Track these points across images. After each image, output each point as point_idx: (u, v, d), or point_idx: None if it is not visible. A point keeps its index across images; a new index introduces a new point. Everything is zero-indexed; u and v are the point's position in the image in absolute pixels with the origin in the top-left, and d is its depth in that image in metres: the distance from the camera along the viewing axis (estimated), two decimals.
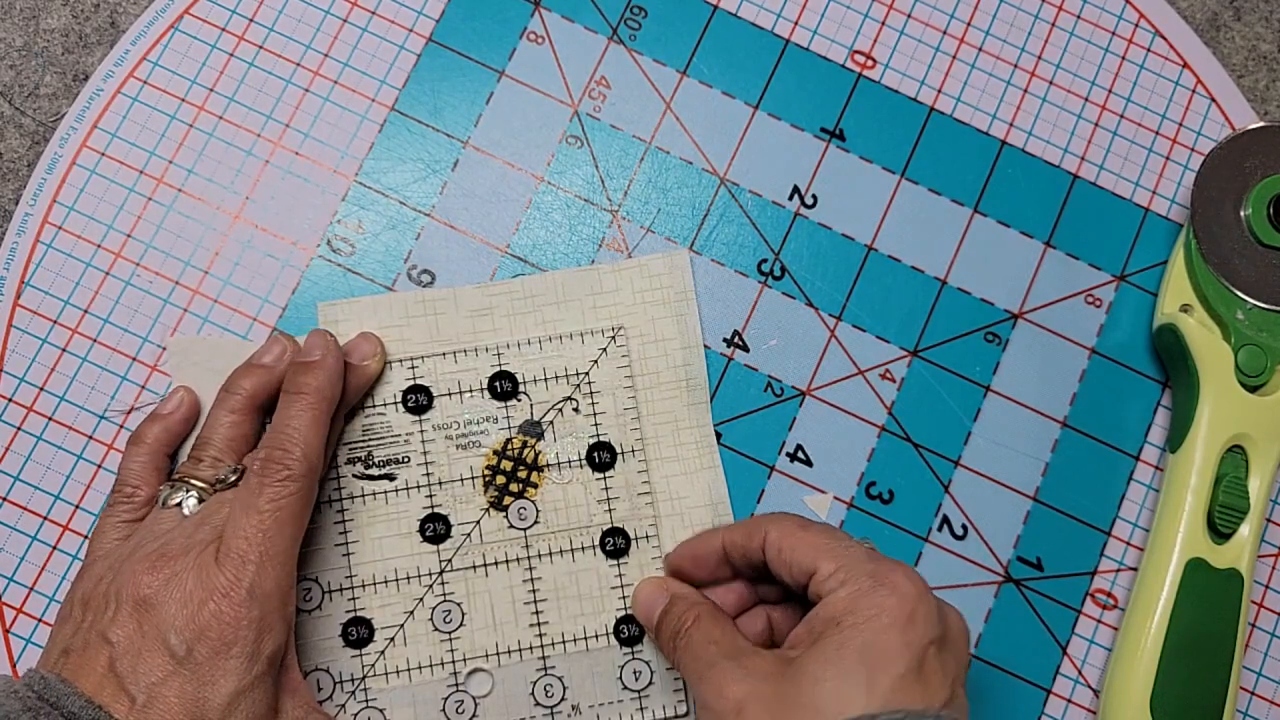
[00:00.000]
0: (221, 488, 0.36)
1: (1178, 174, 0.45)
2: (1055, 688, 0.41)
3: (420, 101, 0.43)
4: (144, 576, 0.33)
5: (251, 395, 0.38)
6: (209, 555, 0.33)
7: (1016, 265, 0.44)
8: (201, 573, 0.33)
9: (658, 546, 0.40)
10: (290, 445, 0.35)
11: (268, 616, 0.33)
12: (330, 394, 0.37)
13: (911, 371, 0.43)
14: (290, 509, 0.34)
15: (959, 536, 0.42)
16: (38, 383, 0.41)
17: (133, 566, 0.33)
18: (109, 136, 0.42)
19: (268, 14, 0.44)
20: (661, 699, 0.39)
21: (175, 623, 0.32)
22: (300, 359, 0.38)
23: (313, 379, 0.37)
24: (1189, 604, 0.37)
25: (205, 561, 0.33)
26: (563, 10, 0.44)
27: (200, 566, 0.33)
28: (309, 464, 0.35)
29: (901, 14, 0.45)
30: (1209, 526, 0.39)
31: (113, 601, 0.33)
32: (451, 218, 0.43)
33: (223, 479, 0.36)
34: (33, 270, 0.42)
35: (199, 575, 0.33)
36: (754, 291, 0.43)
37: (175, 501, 0.36)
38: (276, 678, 0.34)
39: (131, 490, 0.38)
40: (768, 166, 0.44)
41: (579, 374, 0.41)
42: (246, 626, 0.32)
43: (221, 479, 0.36)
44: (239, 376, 0.38)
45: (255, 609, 0.33)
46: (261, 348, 0.39)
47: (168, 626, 0.32)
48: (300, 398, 0.36)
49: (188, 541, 0.34)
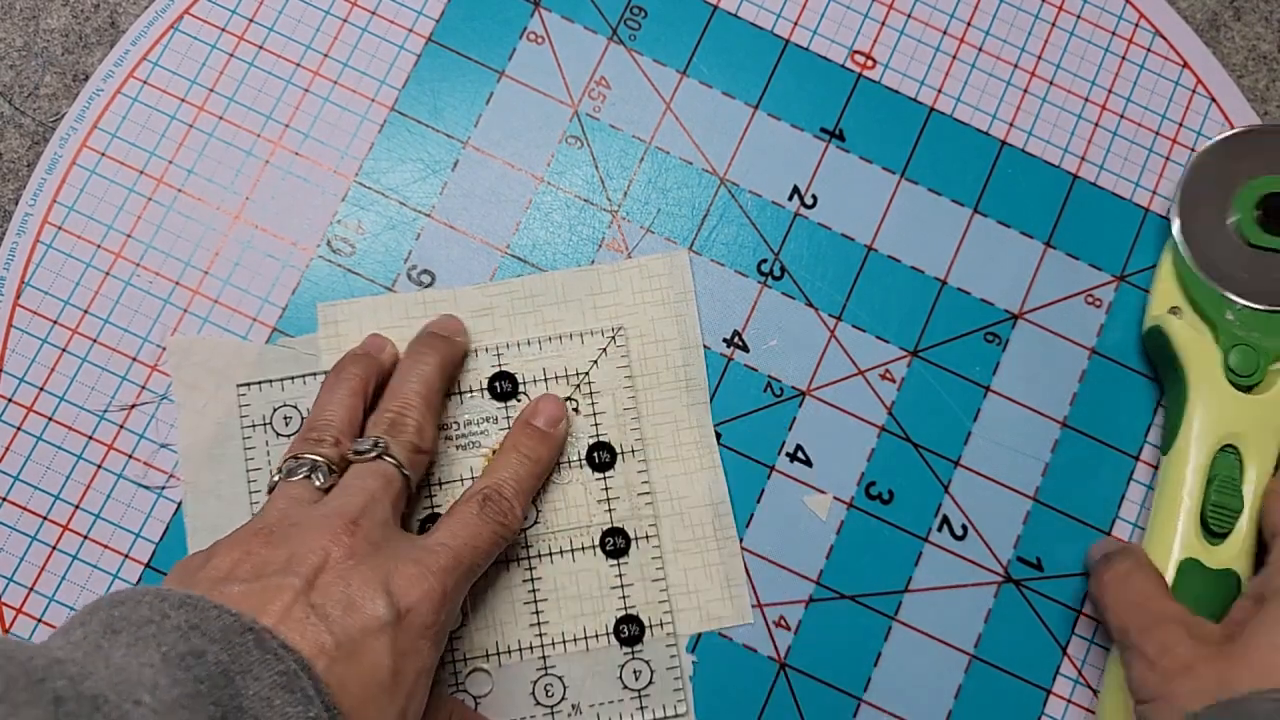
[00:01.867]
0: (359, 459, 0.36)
1: (1178, 174, 0.45)
2: (1055, 688, 0.41)
3: (420, 102, 0.43)
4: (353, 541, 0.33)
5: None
6: (423, 542, 0.34)
7: (1016, 265, 0.44)
8: (419, 552, 0.34)
9: (658, 546, 0.40)
10: (513, 497, 0.37)
11: (453, 616, 0.34)
12: (548, 457, 0.40)
13: (911, 371, 0.43)
14: (492, 549, 0.36)
15: (959, 536, 0.42)
16: (38, 383, 0.41)
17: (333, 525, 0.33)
18: (109, 136, 0.43)
19: (268, 14, 0.44)
20: (661, 699, 0.39)
21: (391, 584, 0.32)
22: (529, 419, 0.40)
23: (545, 448, 0.39)
24: (1185, 604, 0.37)
25: (423, 546, 0.34)
26: (562, 10, 0.44)
27: (416, 546, 0.34)
28: (520, 518, 0.37)
29: (901, 14, 0.45)
30: (1203, 526, 0.39)
31: (319, 552, 0.32)
32: (451, 218, 0.43)
33: (364, 450, 0.36)
34: (33, 270, 0.42)
35: (415, 553, 0.33)
36: (754, 291, 0.43)
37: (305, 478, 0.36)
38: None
39: (333, 440, 0.37)
40: (768, 166, 0.44)
41: (579, 374, 0.41)
42: (446, 614, 0.33)
43: (363, 451, 0.36)
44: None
45: (452, 605, 0.34)
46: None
47: (380, 585, 0.32)
48: (520, 457, 0.38)
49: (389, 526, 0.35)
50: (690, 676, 0.40)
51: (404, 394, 0.38)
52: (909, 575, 0.41)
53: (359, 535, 0.33)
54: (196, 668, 0.27)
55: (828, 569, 0.41)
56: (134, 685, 0.25)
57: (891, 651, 0.41)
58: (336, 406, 0.37)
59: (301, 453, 0.36)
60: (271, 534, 0.33)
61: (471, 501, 0.36)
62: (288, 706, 0.27)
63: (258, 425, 0.41)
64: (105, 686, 0.25)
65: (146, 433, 0.41)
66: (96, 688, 0.25)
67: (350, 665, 0.30)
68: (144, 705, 0.25)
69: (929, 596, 0.41)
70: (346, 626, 0.30)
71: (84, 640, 0.27)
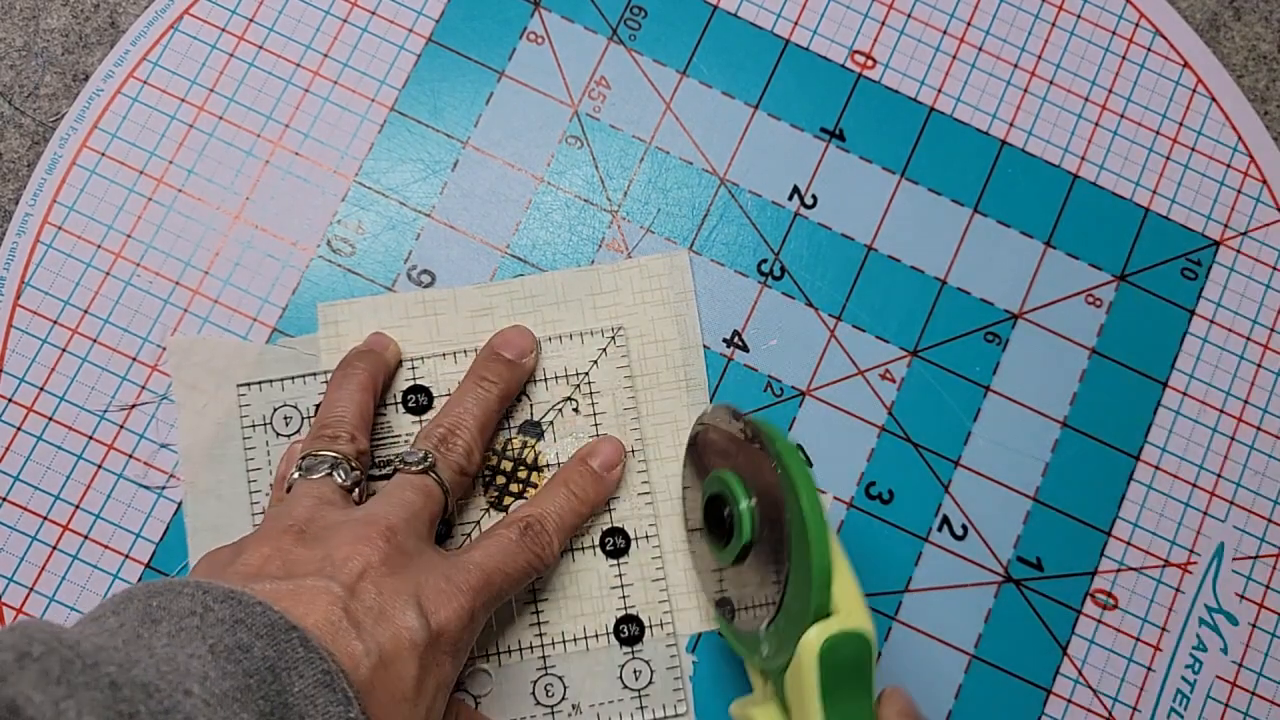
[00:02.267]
0: (405, 468, 0.36)
1: (1178, 174, 0.45)
2: (1055, 688, 0.41)
3: (420, 102, 0.43)
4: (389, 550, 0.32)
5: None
6: (456, 560, 0.34)
7: (1016, 265, 0.44)
8: (451, 569, 0.33)
9: (658, 546, 0.40)
10: (555, 532, 0.37)
11: (475, 635, 0.34)
12: (595, 499, 0.39)
13: (911, 371, 0.43)
14: (523, 578, 0.36)
15: (959, 536, 0.42)
16: (38, 383, 0.41)
17: (371, 533, 0.33)
18: (109, 137, 0.43)
19: (268, 14, 0.44)
20: (661, 698, 0.39)
21: (423, 597, 0.32)
22: (587, 457, 0.39)
23: (595, 490, 0.39)
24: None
25: (455, 563, 0.34)
26: (562, 10, 0.44)
27: (449, 562, 0.34)
28: (556, 555, 0.37)
29: (901, 14, 0.45)
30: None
31: (358, 559, 0.32)
32: (451, 218, 0.43)
33: (412, 462, 0.36)
34: (33, 270, 0.42)
35: (447, 569, 0.33)
36: (754, 291, 0.43)
37: (326, 475, 0.36)
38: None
39: (349, 436, 0.37)
40: (767, 166, 0.44)
41: (579, 374, 0.41)
42: (470, 632, 0.33)
43: (411, 462, 0.36)
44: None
45: (478, 624, 0.34)
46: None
47: (412, 597, 0.32)
48: (568, 493, 0.38)
49: (424, 540, 0.34)
50: (690, 676, 0.40)
51: (458, 414, 0.38)
52: (909, 575, 0.41)
53: (395, 545, 0.33)
54: (245, 661, 0.27)
55: None
56: (182, 675, 0.25)
57: (891, 651, 0.41)
58: (348, 402, 0.37)
59: (319, 450, 0.36)
60: (302, 533, 0.33)
61: (512, 527, 0.36)
62: (330, 706, 0.27)
63: (258, 425, 0.41)
64: (153, 675, 0.25)
65: (146, 433, 0.41)
66: (145, 675, 0.25)
67: (377, 674, 0.30)
68: (194, 696, 0.25)
69: (929, 596, 0.41)
70: (377, 635, 0.30)
71: (121, 628, 0.27)
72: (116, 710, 0.23)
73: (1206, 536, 0.42)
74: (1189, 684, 0.41)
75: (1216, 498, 0.43)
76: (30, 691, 0.23)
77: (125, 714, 0.23)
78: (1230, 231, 0.44)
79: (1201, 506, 0.42)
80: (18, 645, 0.24)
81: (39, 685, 0.23)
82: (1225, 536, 0.42)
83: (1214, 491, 0.43)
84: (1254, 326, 0.44)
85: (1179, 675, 0.41)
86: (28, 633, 0.24)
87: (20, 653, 0.23)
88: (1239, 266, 0.44)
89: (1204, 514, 0.42)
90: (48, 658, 0.24)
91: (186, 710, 0.24)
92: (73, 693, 0.23)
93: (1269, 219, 0.44)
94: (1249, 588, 0.42)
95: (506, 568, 0.35)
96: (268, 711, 0.26)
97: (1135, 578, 0.42)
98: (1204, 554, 0.42)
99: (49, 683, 0.23)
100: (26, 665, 0.23)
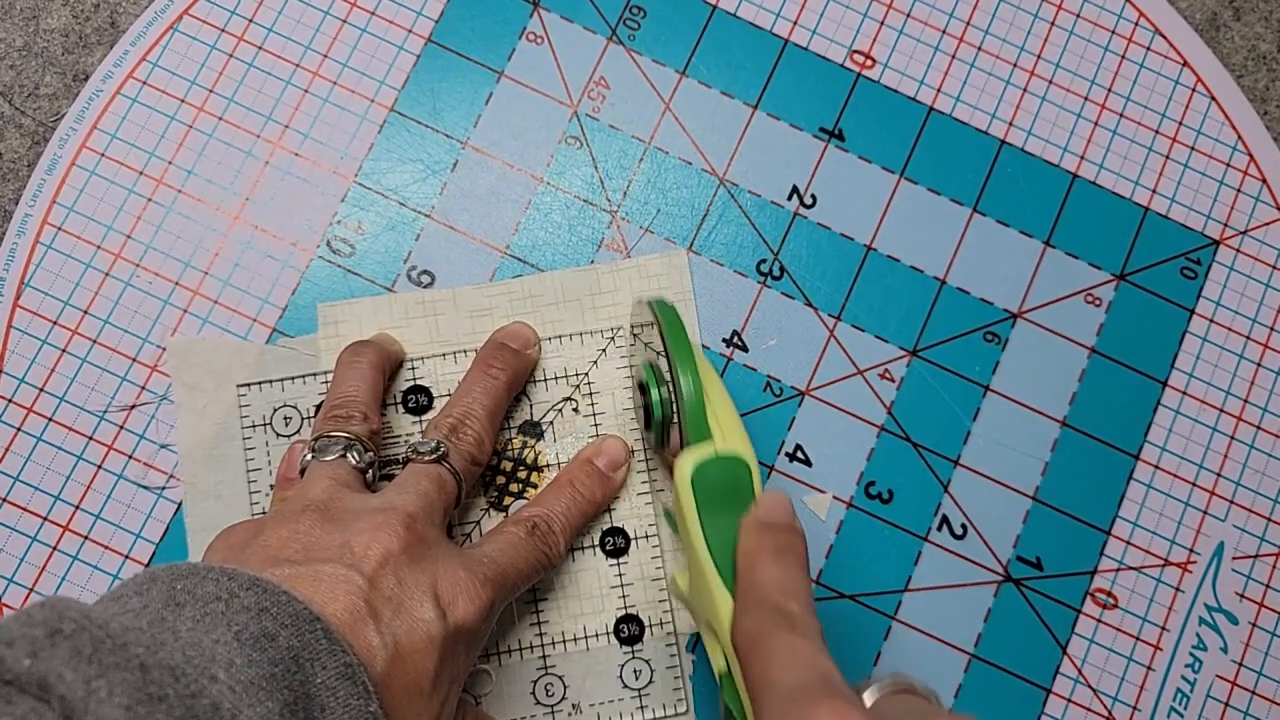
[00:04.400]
0: (422, 457, 0.36)
1: (1177, 173, 0.45)
2: (1055, 688, 0.41)
3: (419, 102, 0.43)
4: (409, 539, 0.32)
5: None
6: (470, 552, 0.34)
7: (1016, 265, 0.44)
8: (467, 560, 0.33)
9: (657, 546, 0.40)
10: (560, 532, 0.37)
11: (490, 628, 0.34)
12: (601, 500, 0.39)
13: (911, 371, 0.43)
14: (531, 576, 0.36)
15: (958, 536, 0.42)
16: (38, 383, 0.41)
17: (390, 521, 0.32)
18: (109, 137, 0.43)
19: (267, 14, 0.44)
20: (661, 698, 0.39)
21: (441, 589, 0.32)
22: (592, 457, 0.39)
23: (600, 490, 0.39)
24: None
25: (471, 556, 0.34)
26: (562, 10, 0.44)
27: (464, 555, 0.34)
28: (561, 554, 0.38)
29: (901, 13, 0.45)
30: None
31: (378, 547, 0.32)
32: (451, 218, 0.43)
33: (424, 452, 0.36)
34: (32, 271, 0.42)
35: (464, 560, 0.33)
36: (753, 291, 0.43)
37: (340, 456, 0.35)
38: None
39: (362, 416, 0.36)
40: (767, 166, 0.44)
41: (578, 374, 0.41)
42: (487, 625, 0.33)
43: (424, 451, 0.36)
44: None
45: (493, 618, 0.34)
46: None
47: (430, 589, 0.32)
48: (574, 493, 0.38)
49: (438, 530, 0.34)
50: (690, 676, 0.40)
51: (468, 403, 0.38)
52: (909, 575, 0.41)
53: (415, 534, 0.32)
54: (270, 650, 0.27)
55: (827, 568, 0.41)
56: (208, 660, 0.25)
57: (891, 651, 0.41)
58: (358, 381, 0.37)
59: (331, 430, 0.36)
60: (320, 514, 0.32)
61: (520, 525, 0.36)
62: (351, 698, 0.27)
63: (258, 426, 0.41)
64: (179, 659, 0.25)
65: (146, 433, 0.41)
66: (172, 659, 0.25)
67: (393, 667, 0.30)
68: (220, 681, 0.25)
69: (929, 596, 0.41)
70: (395, 628, 0.30)
71: (144, 610, 0.27)
72: (146, 692, 0.23)
73: (1206, 536, 0.42)
74: (1189, 683, 0.41)
75: (1216, 497, 0.43)
76: (62, 669, 0.23)
77: (155, 696, 0.23)
78: (1230, 231, 0.44)
79: (1201, 506, 0.42)
80: (49, 621, 0.24)
81: (70, 663, 0.23)
82: (1225, 535, 0.42)
83: (1214, 491, 0.43)
84: (1254, 325, 0.44)
85: (1179, 674, 0.41)
86: (58, 609, 0.24)
87: (52, 629, 0.23)
88: (1238, 266, 0.44)
89: (1204, 513, 0.42)
90: (79, 635, 0.24)
91: (213, 695, 0.24)
92: (104, 672, 0.23)
93: (1269, 218, 0.44)
94: (1249, 587, 0.42)
95: (517, 565, 0.35)
96: (291, 701, 0.26)
97: (1135, 577, 0.42)
98: (1204, 553, 0.42)
99: (80, 661, 0.23)
100: (58, 642, 0.23)
